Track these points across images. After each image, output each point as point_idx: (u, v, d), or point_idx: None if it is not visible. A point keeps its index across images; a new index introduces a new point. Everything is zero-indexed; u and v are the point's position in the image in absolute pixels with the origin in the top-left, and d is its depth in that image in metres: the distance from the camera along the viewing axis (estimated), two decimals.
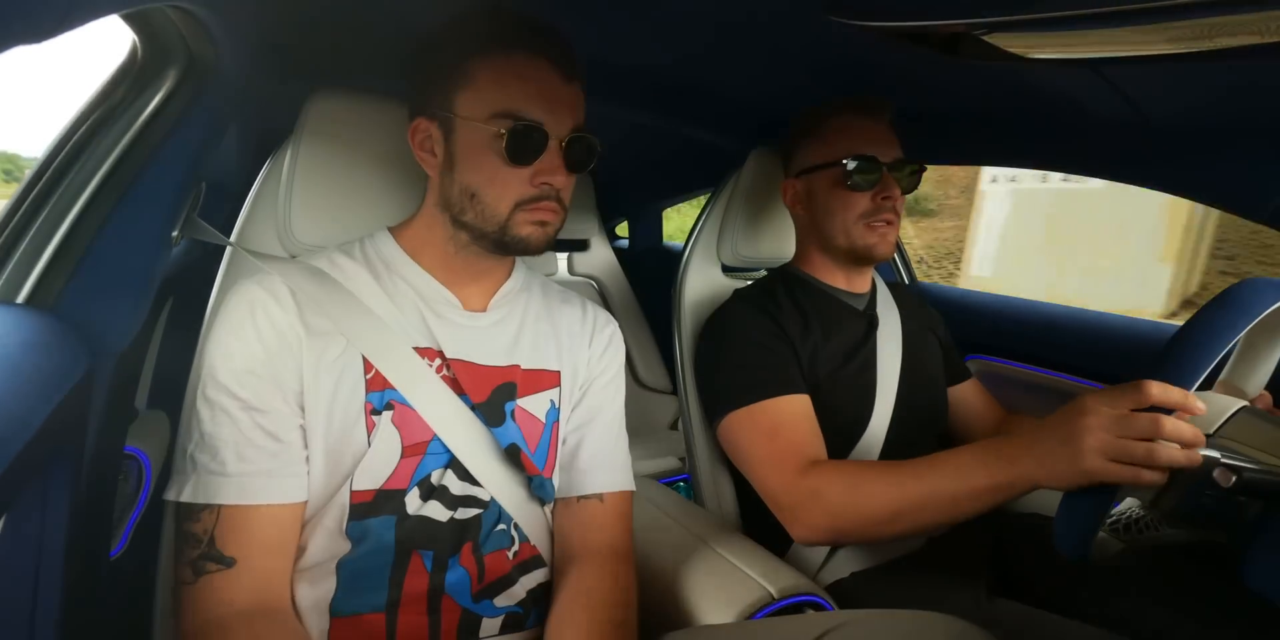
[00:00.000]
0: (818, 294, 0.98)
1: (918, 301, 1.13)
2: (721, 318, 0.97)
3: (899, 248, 1.59)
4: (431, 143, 0.65)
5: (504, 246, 0.65)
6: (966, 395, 1.10)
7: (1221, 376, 0.79)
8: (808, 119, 0.97)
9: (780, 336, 0.90)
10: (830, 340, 0.93)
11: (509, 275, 0.74)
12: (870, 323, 0.98)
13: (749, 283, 1.13)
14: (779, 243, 1.11)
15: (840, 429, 0.89)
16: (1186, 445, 0.55)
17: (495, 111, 0.61)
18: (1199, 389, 0.60)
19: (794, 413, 0.85)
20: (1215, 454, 0.55)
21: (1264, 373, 0.76)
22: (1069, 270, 5.14)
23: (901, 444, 0.94)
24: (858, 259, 0.95)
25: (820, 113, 0.95)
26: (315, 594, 0.59)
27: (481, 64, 0.61)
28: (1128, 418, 0.56)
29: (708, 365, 0.96)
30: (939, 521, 0.71)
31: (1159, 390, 0.56)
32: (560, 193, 0.64)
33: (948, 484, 0.69)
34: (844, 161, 0.90)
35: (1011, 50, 0.64)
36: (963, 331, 1.19)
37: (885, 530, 0.74)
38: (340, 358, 0.61)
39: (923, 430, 0.98)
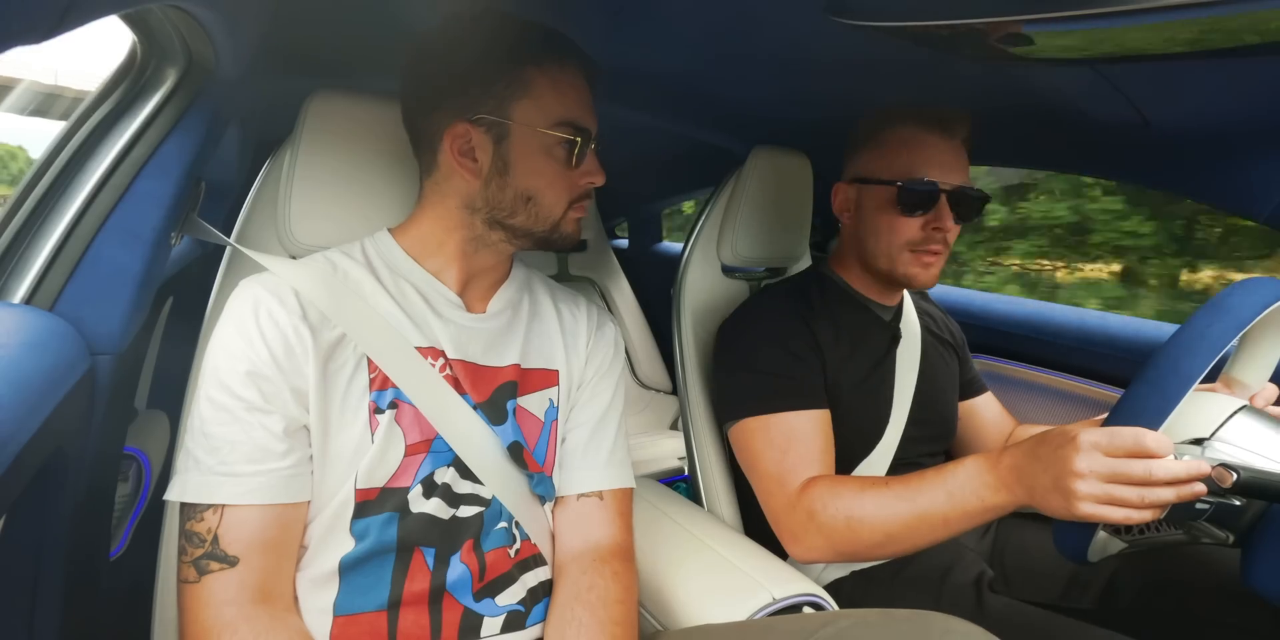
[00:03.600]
0: (850, 302, 0.95)
1: (941, 312, 1.11)
2: (753, 314, 0.93)
3: None
4: (473, 148, 0.65)
5: (548, 243, 0.70)
6: (981, 409, 1.08)
7: (1224, 371, 0.79)
8: (872, 123, 0.91)
9: (812, 345, 0.87)
10: (856, 354, 0.91)
11: (507, 275, 0.74)
12: (894, 337, 0.96)
13: (748, 282, 1.13)
14: (779, 243, 1.11)
15: (852, 443, 0.89)
16: (1181, 483, 0.55)
17: (557, 120, 0.65)
18: (1203, 381, 0.60)
19: (809, 429, 0.83)
20: (1209, 463, 0.55)
21: (1267, 367, 0.76)
22: None
23: (908, 459, 0.93)
24: (895, 284, 0.93)
25: (887, 119, 0.88)
26: (318, 593, 0.59)
27: (538, 73, 0.64)
28: (1121, 465, 0.56)
29: (731, 362, 0.92)
30: (933, 540, 0.71)
31: (1155, 444, 0.55)
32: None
33: (940, 506, 0.69)
34: (899, 182, 0.84)
35: (1011, 50, 0.64)
36: (963, 331, 1.19)
37: (880, 552, 0.75)
38: (344, 358, 0.61)
39: (930, 446, 0.98)
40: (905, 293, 1.02)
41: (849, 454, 0.88)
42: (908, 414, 0.92)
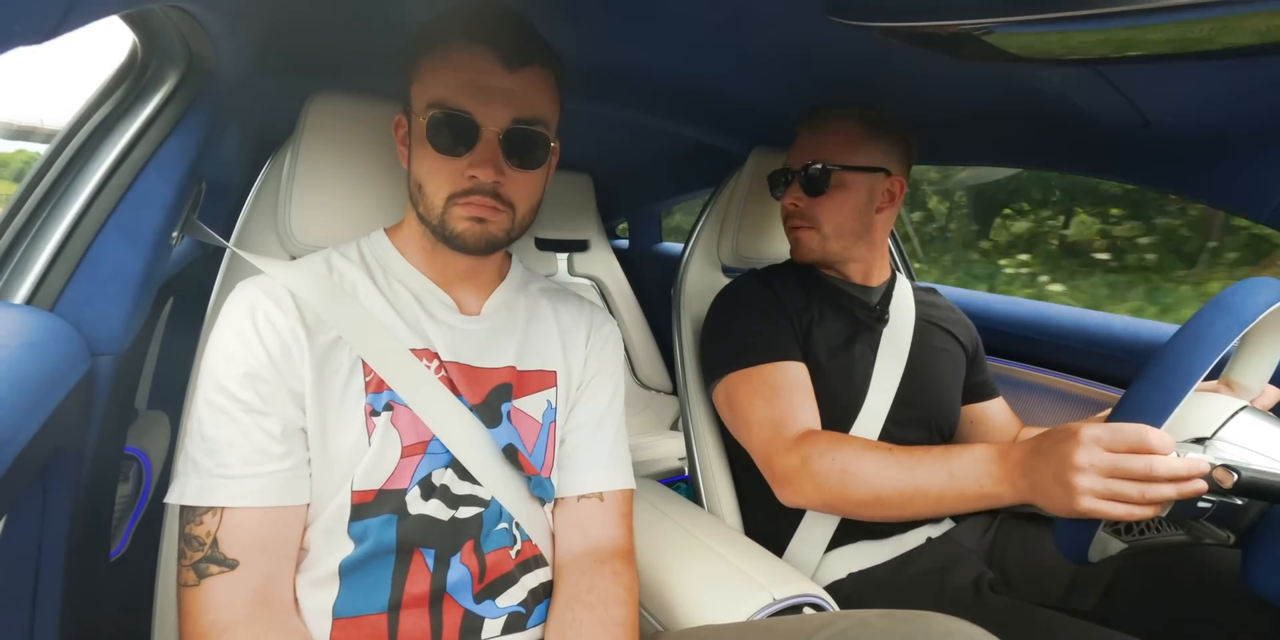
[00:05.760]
0: (820, 281, 1.00)
1: (954, 312, 1.11)
2: (729, 290, 1.01)
3: (896, 244, 1.59)
4: (404, 137, 0.67)
5: (447, 241, 0.64)
6: (990, 414, 1.08)
7: (1224, 373, 0.79)
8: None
9: (778, 305, 0.93)
10: (826, 321, 0.95)
11: (503, 277, 0.74)
12: (879, 318, 0.98)
13: None
14: (779, 243, 1.11)
15: (831, 413, 0.89)
16: (1182, 480, 0.56)
17: (429, 102, 0.61)
18: (1205, 379, 0.60)
19: (792, 378, 0.87)
20: (1212, 461, 0.56)
21: (1266, 369, 0.76)
22: None
23: (895, 442, 0.93)
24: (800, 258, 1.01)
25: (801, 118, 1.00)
26: (318, 596, 0.59)
27: (426, 55, 0.63)
28: (1122, 460, 0.56)
29: (711, 331, 0.99)
30: (921, 514, 0.72)
31: (1157, 441, 0.56)
32: (499, 188, 0.62)
33: (937, 484, 0.69)
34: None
35: (1011, 50, 0.64)
36: None
37: (867, 511, 0.75)
38: (339, 360, 0.61)
39: (919, 433, 0.97)
40: (899, 280, 1.06)
41: (831, 426, 0.89)
42: (893, 398, 0.94)
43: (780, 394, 0.85)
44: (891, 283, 1.04)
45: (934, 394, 0.99)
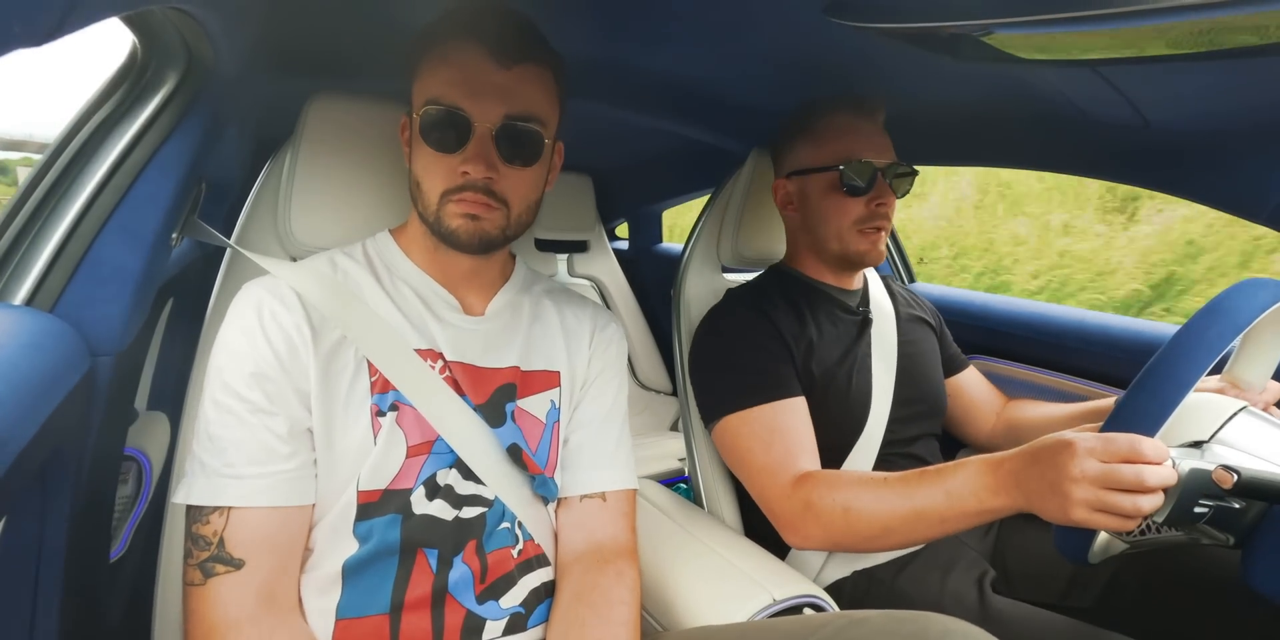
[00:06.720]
0: (812, 292, 0.98)
1: (910, 293, 1.13)
2: (716, 318, 0.96)
3: (896, 244, 1.59)
4: (410, 137, 0.68)
5: (443, 239, 0.64)
6: (966, 385, 1.10)
7: (1227, 370, 0.79)
8: (800, 117, 0.95)
9: (775, 336, 0.89)
10: (825, 338, 0.93)
11: (506, 277, 0.74)
12: (864, 320, 0.98)
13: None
14: (779, 243, 1.11)
15: (838, 430, 0.89)
16: (1171, 489, 0.56)
17: (426, 99, 0.62)
18: (1209, 373, 0.60)
19: (790, 418, 0.85)
20: (1207, 467, 0.56)
21: (1269, 366, 0.76)
22: None
23: (900, 442, 0.94)
24: (850, 264, 0.96)
25: (813, 111, 0.93)
26: (321, 596, 0.59)
27: (425, 54, 0.63)
28: (1114, 471, 0.57)
29: (704, 366, 0.95)
30: (930, 537, 0.72)
31: (1151, 451, 0.56)
32: (493, 184, 0.62)
33: (937, 505, 0.69)
34: (840, 166, 0.89)
35: (1011, 51, 0.64)
36: (963, 332, 1.19)
37: (877, 544, 0.75)
38: (345, 360, 0.61)
39: (921, 426, 0.98)
40: (869, 276, 1.05)
41: (839, 439, 0.89)
42: (892, 396, 0.93)
43: (778, 437, 0.84)
44: (866, 281, 1.04)
45: (927, 387, 1.00)
